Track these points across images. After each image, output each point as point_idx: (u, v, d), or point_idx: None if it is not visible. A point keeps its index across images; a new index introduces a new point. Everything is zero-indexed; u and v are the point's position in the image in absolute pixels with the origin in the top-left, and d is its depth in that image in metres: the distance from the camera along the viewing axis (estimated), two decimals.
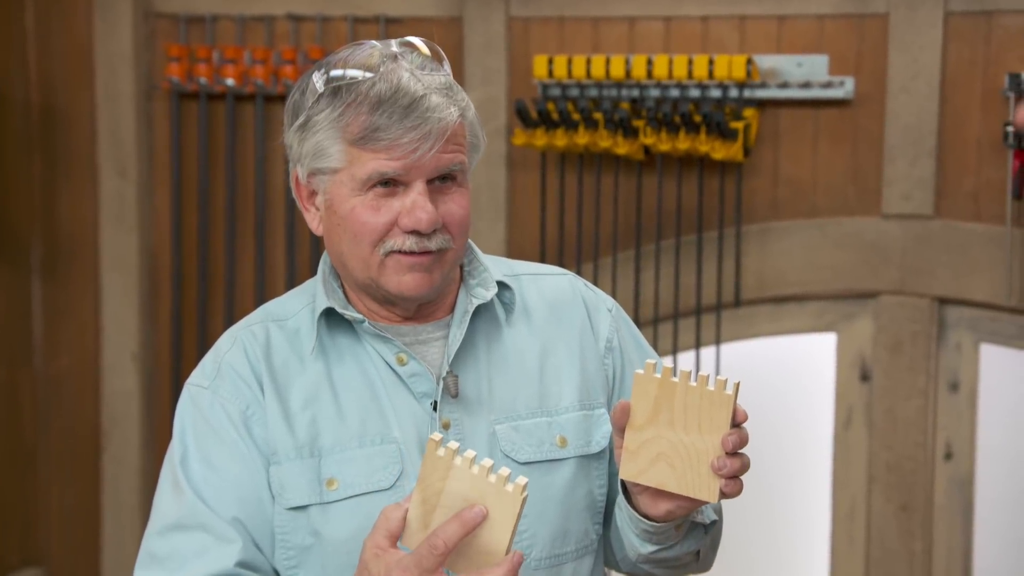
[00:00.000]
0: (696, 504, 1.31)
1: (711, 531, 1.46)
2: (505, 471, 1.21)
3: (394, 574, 1.22)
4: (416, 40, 1.41)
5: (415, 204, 1.34)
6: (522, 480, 1.21)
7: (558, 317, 1.49)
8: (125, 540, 3.45)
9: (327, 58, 1.40)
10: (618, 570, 1.50)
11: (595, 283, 2.63)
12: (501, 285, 1.46)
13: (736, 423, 1.28)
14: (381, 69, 1.35)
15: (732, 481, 1.29)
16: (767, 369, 3.13)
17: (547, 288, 1.51)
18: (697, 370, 2.98)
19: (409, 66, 1.36)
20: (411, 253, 1.36)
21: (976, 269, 2.81)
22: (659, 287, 3.02)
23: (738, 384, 1.26)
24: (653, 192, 3.02)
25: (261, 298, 3.17)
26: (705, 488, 1.27)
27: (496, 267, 1.49)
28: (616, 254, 3.06)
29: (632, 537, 1.42)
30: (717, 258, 2.98)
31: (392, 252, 1.35)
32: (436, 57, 1.40)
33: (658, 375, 1.28)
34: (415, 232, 1.35)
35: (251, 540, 1.36)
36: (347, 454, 1.37)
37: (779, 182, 2.96)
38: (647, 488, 1.33)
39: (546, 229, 3.08)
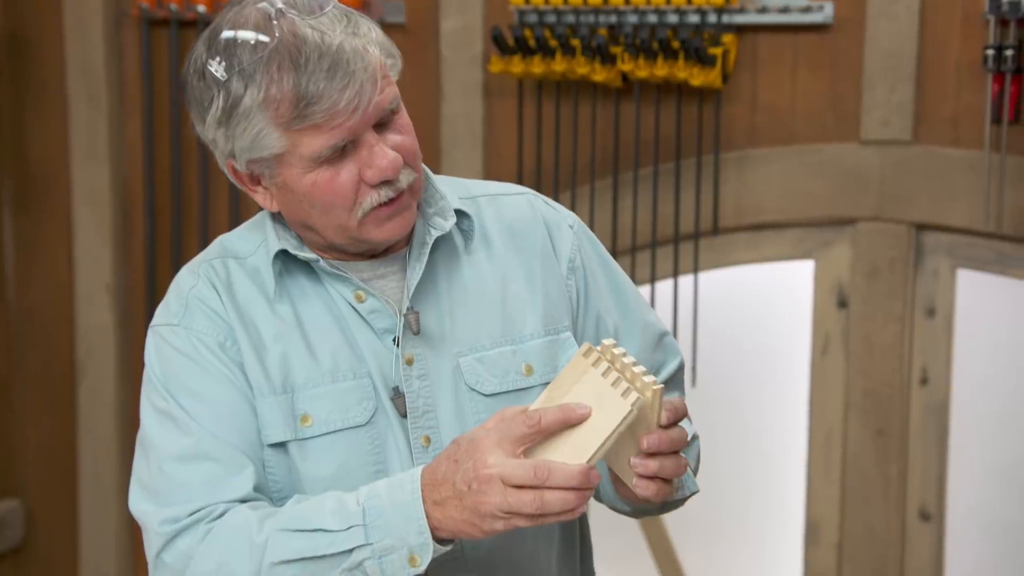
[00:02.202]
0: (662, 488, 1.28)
1: (686, 492, 1.46)
2: (647, 378, 1.20)
3: (477, 433, 1.24)
4: None
5: (375, 156, 1.32)
6: (635, 395, 1.19)
7: (518, 240, 1.47)
8: (102, 472, 3.46)
9: (210, 35, 1.32)
10: (598, 499, 1.51)
11: (573, 211, 2.62)
12: (459, 213, 1.43)
13: (664, 425, 1.25)
14: (277, 34, 1.28)
15: (648, 481, 1.26)
16: (745, 297, 3.15)
17: (506, 209, 1.49)
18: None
19: (301, 18, 1.29)
20: (388, 202, 1.34)
21: (954, 195, 2.82)
22: (637, 215, 3.02)
23: (660, 388, 1.23)
24: (631, 120, 3.01)
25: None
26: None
27: (452, 191, 1.46)
28: (594, 182, 3.05)
29: (609, 493, 1.44)
30: (695, 186, 2.98)
31: (369, 210, 1.33)
32: None
33: (587, 358, 1.25)
34: (384, 182, 1.33)
35: (258, 467, 1.35)
36: (320, 390, 1.36)
37: (757, 109, 2.96)
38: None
39: (523, 158, 3.07)
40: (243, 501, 1.33)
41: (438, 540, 1.27)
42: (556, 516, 1.22)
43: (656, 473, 1.26)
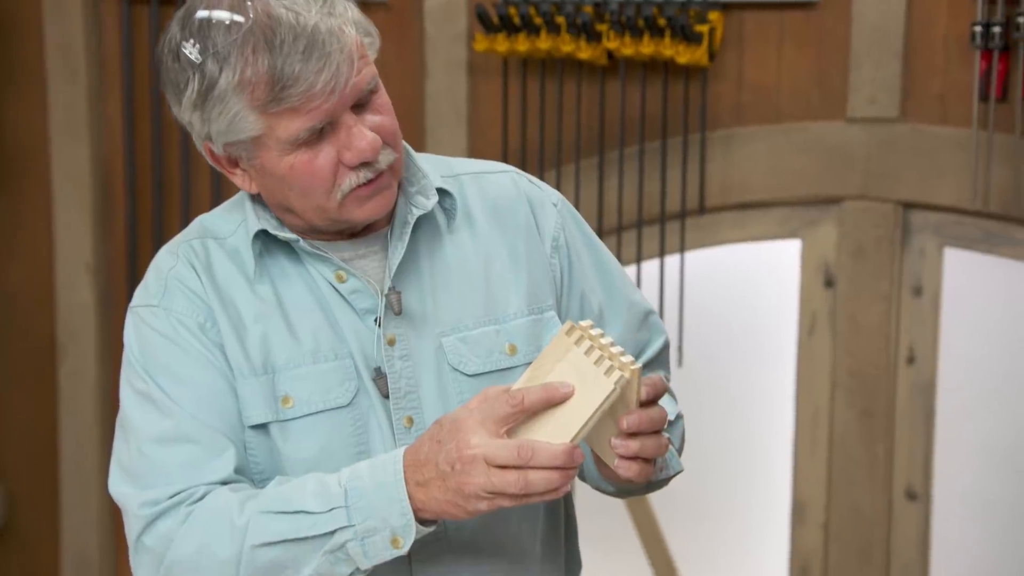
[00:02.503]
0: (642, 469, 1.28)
1: (670, 471, 1.46)
2: (625, 358, 1.20)
3: (460, 413, 1.23)
4: None
5: (353, 137, 1.30)
6: (619, 373, 1.19)
7: (501, 219, 1.46)
8: (84, 454, 3.45)
9: (184, 15, 1.31)
10: (582, 479, 1.50)
11: (558, 190, 2.61)
12: (441, 192, 1.42)
13: (644, 404, 1.25)
14: (251, 15, 1.27)
15: (627, 462, 1.26)
16: (731, 277, 3.14)
17: (489, 187, 1.48)
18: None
19: None
20: (367, 182, 1.33)
21: (941, 173, 2.82)
22: (623, 195, 3.01)
23: (638, 369, 1.22)
24: (616, 98, 3.00)
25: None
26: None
27: (434, 168, 1.45)
28: (579, 161, 3.04)
29: (593, 473, 1.43)
30: (681, 165, 2.97)
31: (349, 192, 1.32)
32: None
33: (569, 337, 1.24)
34: (363, 163, 1.31)
35: (239, 449, 1.35)
36: (301, 371, 1.36)
37: (744, 87, 2.95)
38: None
39: (508, 136, 3.06)
40: (224, 483, 1.33)
41: (421, 521, 1.27)
42: (540, 496, 1.21)
43: (637, 453, 1.26)
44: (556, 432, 1.21)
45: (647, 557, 3.26)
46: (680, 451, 1.50)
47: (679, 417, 1.50)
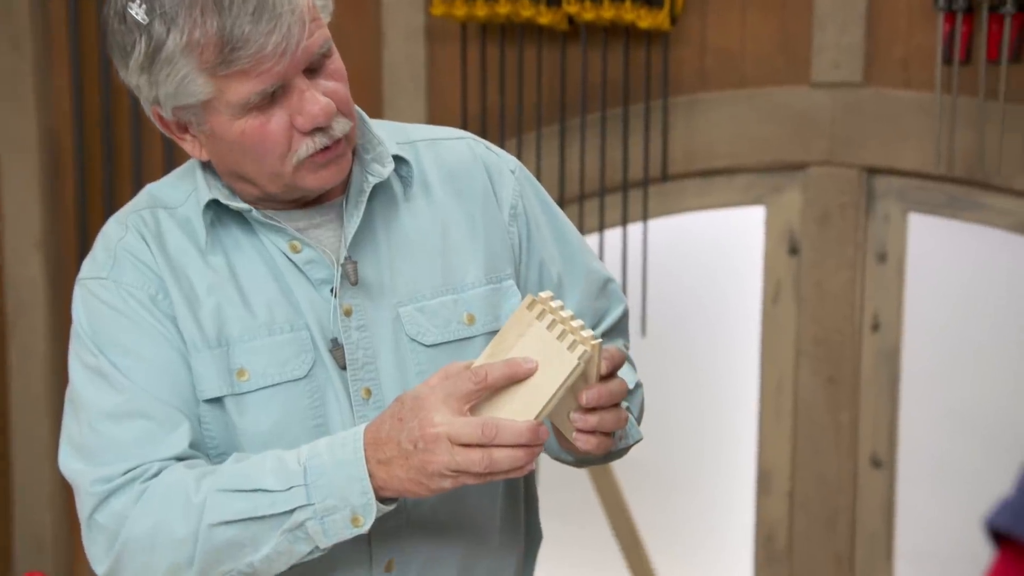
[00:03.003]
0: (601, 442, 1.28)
1: (630, 440, 1.46)
2: (585, 332, 1.19)
3: (421, 391, 1.22)
4: None
5: (305, 101, 1.28)
6: (582, 348, 1.18)
7: (458, 186, 1.45)
8: (34, 430, 3.41)
9: None
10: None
11: (520, 159, 2.59)
12: (397, 159, 1.41)
13: (603, 376, 1.25)
14: None
15: (586, 436, 1.26)
16: (695, 245, 3.14)
17: (445, 154, 1.46)
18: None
19: None
20: (323, 150, 1.31)
21: (906, 137, 2.83)
22: (585, 162, 3.00)
23: (599, 343, 1.22)
24: (577, 64, 2.98)
25: None
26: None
27: (389, 135, 1.43)
28: (540, 129, 3.02)
29: (552, 444, 1.43)
30: (643, 132, 2.95)
31: (305, 159, 1.30)
32: None
33: (531, 311, 1.23)
34: (316, 129, 1.30)
35: (194, 423, 1.33)
36: (256, 343, 1.34)
37: (707, 52, 2.93)
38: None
39: (467, 104, 3.04)
40: (179, 459, 1.31)
41: (382, 500, 1.26)
42: (505, 474, 1.21)
43: (596, 427, 1.26)
44: (520, 409, 1.21)
45: (612, 529, 3.27)
46: (639, 419, 1.50)
47: (638, 386, 1.50)
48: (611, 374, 1.27)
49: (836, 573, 3.00)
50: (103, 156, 3.26)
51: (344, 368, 1.36)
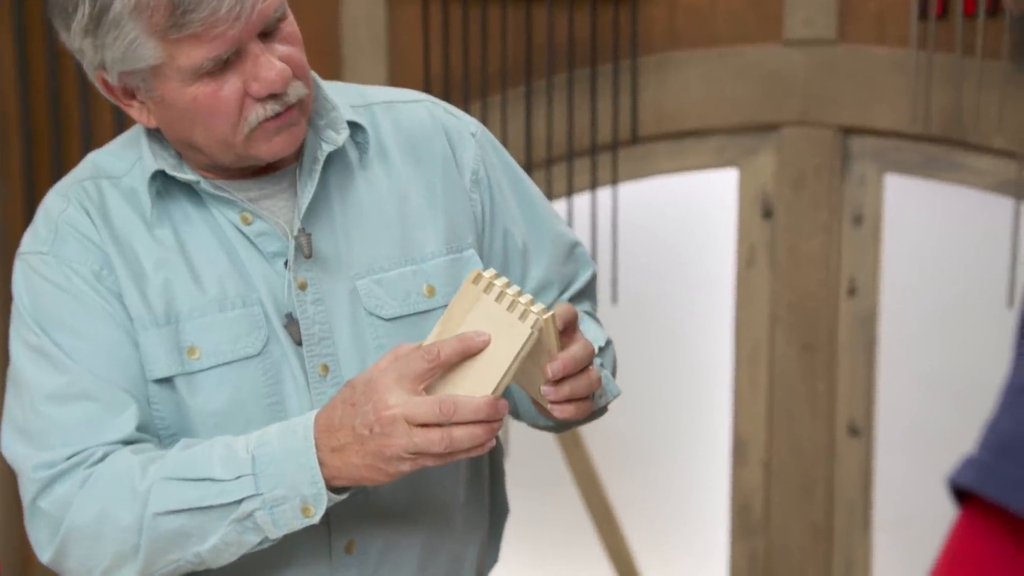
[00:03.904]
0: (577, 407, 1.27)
1: (609, 397, 1.45)
2: (535, 307, 1.19)
3: (372, 373, 1.20)
4: None
5: (260, 67, 1.25)
6: (534, 316, 1.17)
7: (417, 152, 1.42)
8: None
9: None
10: (517, 418, 1.48)
11: (485, 124, 2.56)
12: (353, 125, 1.38)
13: (565, 344, 1.24)
14: None
15: (564, 405, 1.26)
16: (667, 209, 3.13)
17: (403, 118, 1.44)
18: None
19: None
20: (275, 116, 1.28)
21: (881, 96, 2.81)
22: (552, 125, 2.97)
23: (551, 315, 1.21)
24: (543, 23, 2.94)
25: None
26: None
27: (344, 98, 1.41)
28: (505, 91, 2.99)
29: (529, 412, 1.41)
30: (612, 93, 2.93)
31: (256, 126, 1.27)
32: None
33: (477, 285, 1.22)
34: (271, 96, 1.27)
35: (142, 405, 1.31)
36: (207, 319, 1.32)
37: (676, 10, 2.90)
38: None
39: (430, 66, 3.00)
40: (126, 443, 1.28)
41: (335, 489, 1.24)
42: (466, 452, 1.20)
43: (569, 396, 1.25)
44: (476, 385, 1.20)
45: (583, 501, 3.26)
46: (614, 374, 1.49)
47: (608, 343, 1.48)
48: (573, 339, 1.25)
49: (813, 543, 3.00)
50: (50, 126, 3.21)
51: (300, 344, 1.34)
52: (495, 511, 1.53)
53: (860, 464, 2.98)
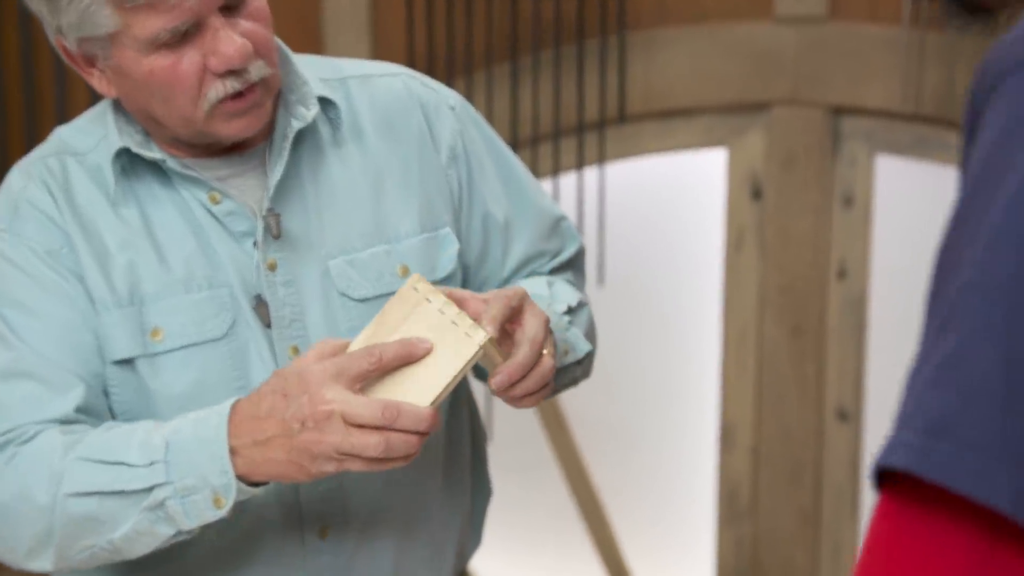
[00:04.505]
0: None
1: (584, 362, 1.43)
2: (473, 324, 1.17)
3: (305, 366, 1.17)
4: None
5: (219, 41, 1.23)
6: (482, 333, 1.16)
7: (393, 128, 1.40)
8: None
9: None
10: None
11: (469, 100, 2.54)
12: (325, 101, 1.36)
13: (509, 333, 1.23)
14: None
15: (523, 399, 1.25)
16: (654, 189, 3.11)
17: (379, 93, 1.41)
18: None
19: None
20: (237, 96, 1.26)
21: (872, 74, 2.79)
22: (538, 103, 2.95)
23: (492, 337, 1.19)
24: None
25: None
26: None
27: (316, 72, 1.38)
28: (491, 68, 2.97)
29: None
30: (599, 70, 2.91)
31: (217, 103, 1.25)
32: None
33: (418, 291, 1.20)
34: (231, 72, 1.24)
35: (92, 386, 1.29)
36: (172, 301, 1.30)
37: None
38: None
39: (414, 42, 2.97)
40: (63, 423, 1.26)
41: (254, 483, 1.21)
42: (394, 462, 1.16)
43: (525, 393, 1.24)
44: (414, 392, 1.17)
45: (568, 486, 3.25)
46: (592, 336, 1.46)
47: (581, 304, 1.46)
48: (521, 325, 1.22)
49: (801, 530, 3.00)
50: (24, 97, 3.18)
51: (269, 326, 1.32)
52: (477, 494, 1.52)
53: (849, 449, 2.98)
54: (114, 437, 1.24)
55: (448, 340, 1.18)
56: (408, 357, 1.17)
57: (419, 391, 1.17)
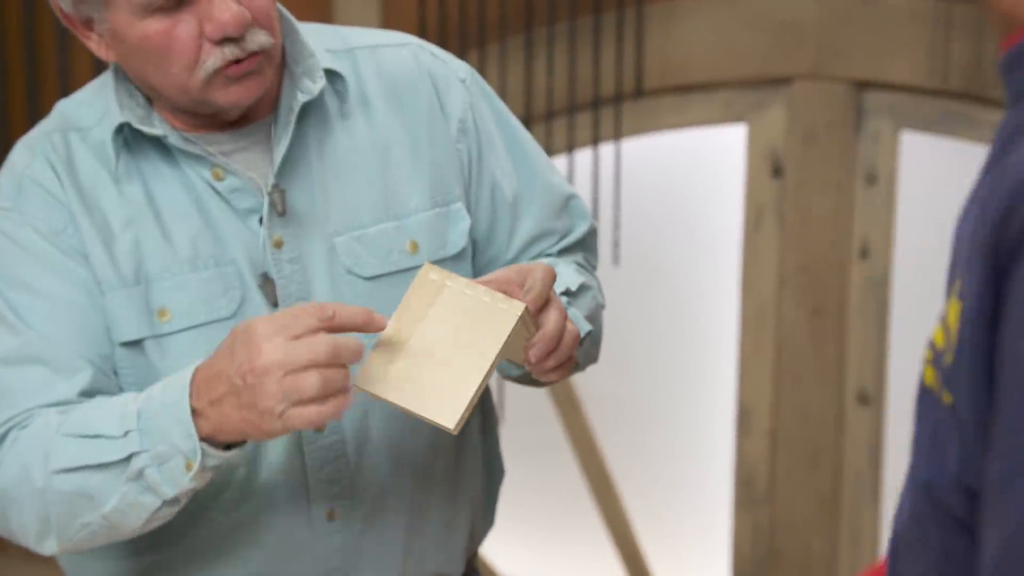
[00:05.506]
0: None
1: (585, 342, 1.42)
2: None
3: (254, 320, 1.16)
4: None
5: (215, 7, 1.22)
6: (519, 305, 1.17)
7: (401, 101, 1.39)
8: None
9: None
10: (506, 377, 1.45)
11: (482, 74, 2.53)
12: (331, 73, 1.35)
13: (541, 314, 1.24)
14: None
15: (551, 373, 1.27)
16: (672, 166, 3.11)
17: (387, 63, 1.40)
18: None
19: None
20: (235, 63, 1.25)
21: (897, 48, 2.78)
22: (553, 77, 2.94)
23: (526, 308, 1.20)
24: None
25: None
26: (445, 411, 1.19)
27: (323, 42, 1.37)
28: (504, 41, 2.96)
29: (513, 371, 1.39)
30: (616, 43, 2.90)
31: (213, 72, 1.24)
32: None
33: (436, 278, 1.20)
34: (227, 39, 1.23)
35: (100, 368, 1.28)
36: (178, 280, 1.29)
37: None
38: None
39: (425, 13, 2.96)
40: (64, 405, 1.26)
41: (227, 445, 1.20)
42: (336, 399, 1.14)
43: (558, 363, 1.26)
44: (461, 372, 1.18)
45: (581, 468, 3.25)
46: (595, 319, 1.46)
47: (583, 287, 1.45)
48: (549, 307, 1.24)
49: (819, 514, 3.00)
50: (25, 67, 3.17)
51: (276, 305, 1.32)
52: (489, 475, 1.52)
53: (870, 433, 2.97)
54: (94, 409, 1.24)
55: (482, 316, 1.18)
56: (366, 324, 1.16)
57: (466, 370, 1.17)
